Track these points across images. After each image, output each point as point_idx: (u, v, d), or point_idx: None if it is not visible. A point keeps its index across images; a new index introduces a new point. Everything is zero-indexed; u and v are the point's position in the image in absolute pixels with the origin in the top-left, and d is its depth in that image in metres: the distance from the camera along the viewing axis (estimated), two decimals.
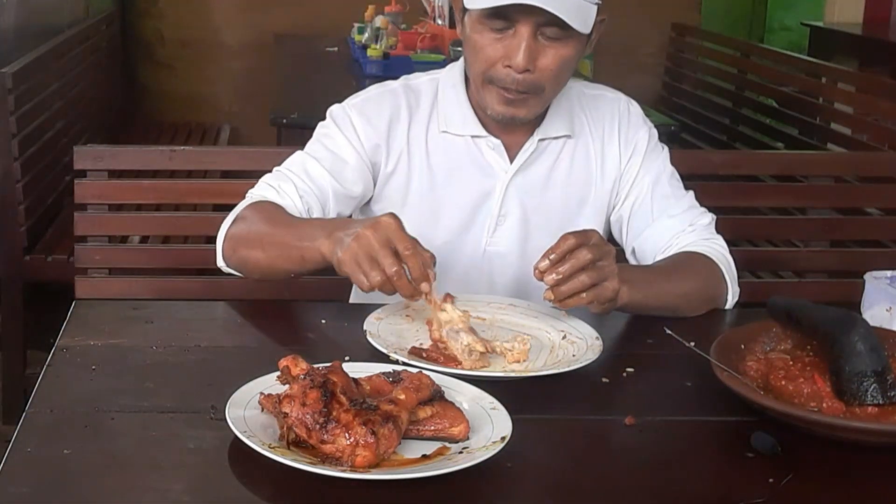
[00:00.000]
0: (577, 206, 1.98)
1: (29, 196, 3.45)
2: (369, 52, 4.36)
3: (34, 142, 3.57)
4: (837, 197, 2.92)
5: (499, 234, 1.94)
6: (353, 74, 4.49)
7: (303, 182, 1.88)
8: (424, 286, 1.57)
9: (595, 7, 1.79)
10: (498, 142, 1.93)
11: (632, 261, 2.02)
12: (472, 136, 1.93)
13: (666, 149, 2.05)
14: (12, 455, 1.30)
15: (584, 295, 1.62)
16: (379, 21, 4.52)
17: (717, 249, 1.95)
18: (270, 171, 1.97)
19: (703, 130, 5.31)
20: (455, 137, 1.94)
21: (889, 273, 1.79)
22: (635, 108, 2.04)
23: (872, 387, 1.42)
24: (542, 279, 1.62)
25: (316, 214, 1.87)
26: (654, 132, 2.04)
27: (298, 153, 1.95)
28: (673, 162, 2.05)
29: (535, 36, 1.77)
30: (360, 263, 1.57)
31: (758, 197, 2.82)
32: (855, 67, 5.30)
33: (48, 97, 3.83)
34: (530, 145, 1.93)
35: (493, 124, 1.92)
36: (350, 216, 1.97)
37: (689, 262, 1.90)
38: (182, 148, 2.48)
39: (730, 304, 1.92)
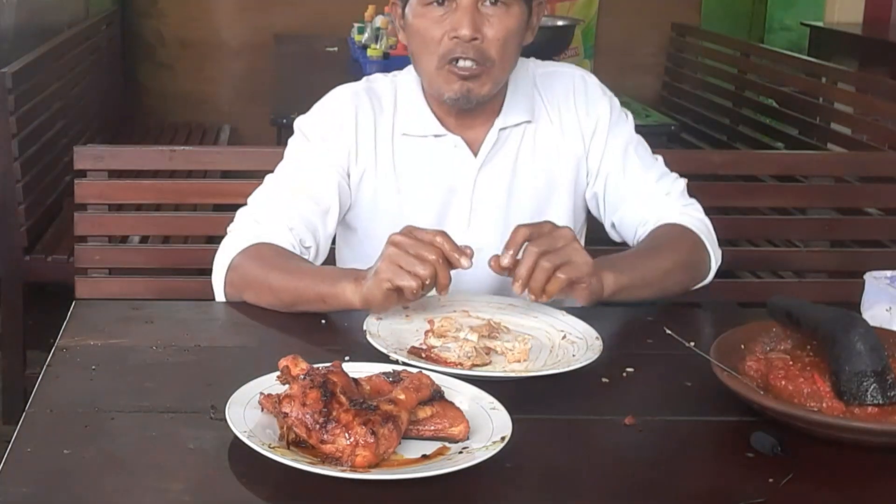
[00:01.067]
0: (546, 190, 1.98)
1: (29, 196, 3.45)
2: (369, 52, 4.36)
3: (34, 142, 3.57)
4: (837, 197, 2.92)
5: (473, 230, 1.93)
6: (353, 74, 4.49)
7: (286, 215, 1.86)
8: (465, 262, 1.61)
9: None
10: (459, 139, 1.93)
11: (612, 234, 2.03)
12: (434, 136, 1.93)
13: (630, 116, 2.04)
14: (12, 455, 1.30)
15: (560, 276, 1.62)
16: (379, 21, 4.53)
17: (695, 216, 1.96)
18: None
19: (703, 130, 5.31)
20: (417, 139, 1.94)
21: (889, 273, 1.79)
22: (592, 79, 2.03)
23: (872, 387, 1.42)
24: (500, 273, 1.65)
25: (308, 244, 1.87)
26: (616, 102, 2.02)
27: (273, 179, 1.93)
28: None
29: (477, 7, 1.81)
30: (402, 264, 1.60)
31: (758, 197, 2.82)
32: (855, 67, 5.30)
33: (48, 97, 3.82)
34: (491, 136, 1.94)
35: (453, 122, 1.93)
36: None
37: (669, 237, 1.91)
38: (182, 148, 2.47)
39: (713, 270, 1.92)
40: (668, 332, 1.65)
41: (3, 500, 1.21)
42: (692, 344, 1.59)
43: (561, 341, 1.68)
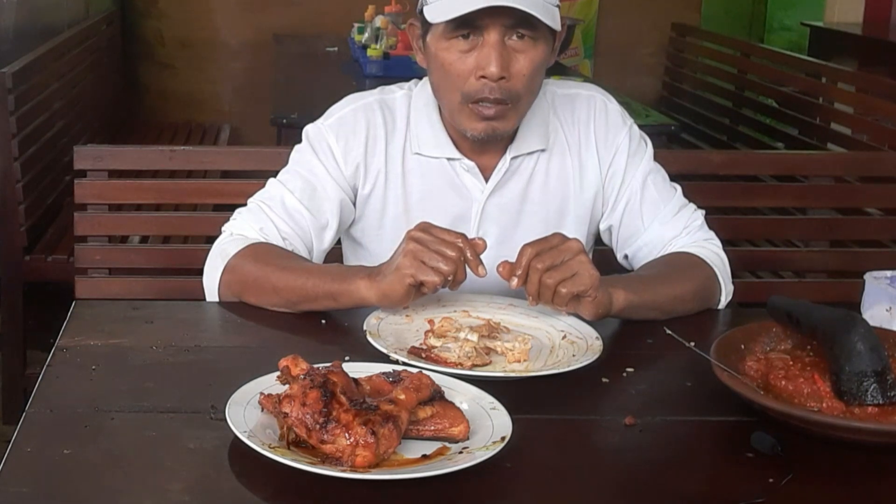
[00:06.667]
0: (556, 219, 1.94)
1: (29, 196, 3.45)
2: (369, 52, 4.36)
3: (34, 142, 3.57)
4: (837, 197, 2.92)
5: None
6: (353, 74, 4.50)
7: (284, 223, 1.86)
8: (482, 271, 1.64)
9: (556, 8, 1.78)
10: (472, 163, 1.90)
11: (624, 264, 2.01)
12: (447, 159, 1.90)
13: (649, 145, 2.00)
14: (12, 455, 1.30)
15: (562, 290, 1.62)
16: (379, 21, 4.53)
17: (711, 250, 1.94)
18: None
19: (703, 130, 5.31)
20: (429, 159, 1.91)
21: (889, 273, 1.79)
22: (613, 105, 1.98)
23: (872, 387, 1.42)
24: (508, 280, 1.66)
25: (302, 255, 1.87)
26: (636, 130, 1.98)
27: (275, 184, 1.91)
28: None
29: (504, 41, 1.76)
30: (424, 259, 1.61)
31: (758, 197, 2.82)
32: (855, 67, 5.29)
33: (48, 97, 3.83)
34: (503, 164, 1.90)
35: (467, 146, 1.89)
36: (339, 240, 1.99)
37: (682, 265, 1.89)
38: (182, 148, 2.48)
39: (723, 304, 1.92)
40: (668, 332, 1.65)
41: (3, 500, 1.21)
42: (692, 344, 1.59)
43: (561, 341, 1.68)
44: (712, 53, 5.53)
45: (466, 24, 1.75)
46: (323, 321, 1.75)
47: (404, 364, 1.52)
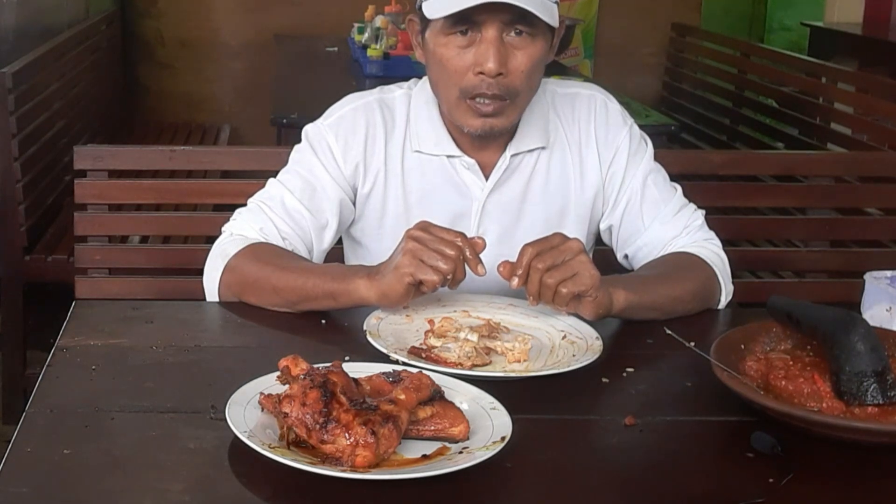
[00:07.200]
0: (557, 218, 1.94)
1: (29, 196, 3.45)
2: (369, 52, 4.36)
3: (34, 142, 3.57)
4: (837, 197, 2.92)
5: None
6: (353, 74, 4.50)
7: (284, 223, 1.86)
8: (481, 270, 1.64)
9: (555, 5, 1.78)
10: (472, 161, 1.90)
11: (624, 264, 2.01)
12: (447, 156, 1.91)
13: (650, 145, 2.00)
14: (12, 455, 1.30)
15: (562, 290, 1.62)
16: (379, 21, 4.53)
17: (711, 250, 1.94)
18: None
19: (703, 130, 5.31)
20: (429, 157, 1.91)
21: (889, 273, 1.79)
22: (613, 105, 1.98)
23: (872, 387, 1.42)
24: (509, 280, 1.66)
25: (302, 255, 1.87)
26: (636, 130, 1.99)
27: (275, 184, 1.91)
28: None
29: (502, 38, 1.76)
30: (423, 258, 1.61)
31: (758, 197, 2.82)
32: (855, 67, 5.29)
33: (48, 97, 3.83)
34: (503, 162, 1.90)
35: (467, 143, 1.89)
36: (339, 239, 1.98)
37: (683, 265, 1.89)
38: (182, 148, 2.48)
39: (723, 304, 1.92)
40: (668, 332, 1.65)
41: (3, 500, 1.21)
42: (692, 344, 1.59)
43: (561, 341, 1.68)
44: (712, 53, 5.52)
45: (464, 20, 1.76)
46: (323, 321, 1.75)
47: (404, 364, 1.52)
